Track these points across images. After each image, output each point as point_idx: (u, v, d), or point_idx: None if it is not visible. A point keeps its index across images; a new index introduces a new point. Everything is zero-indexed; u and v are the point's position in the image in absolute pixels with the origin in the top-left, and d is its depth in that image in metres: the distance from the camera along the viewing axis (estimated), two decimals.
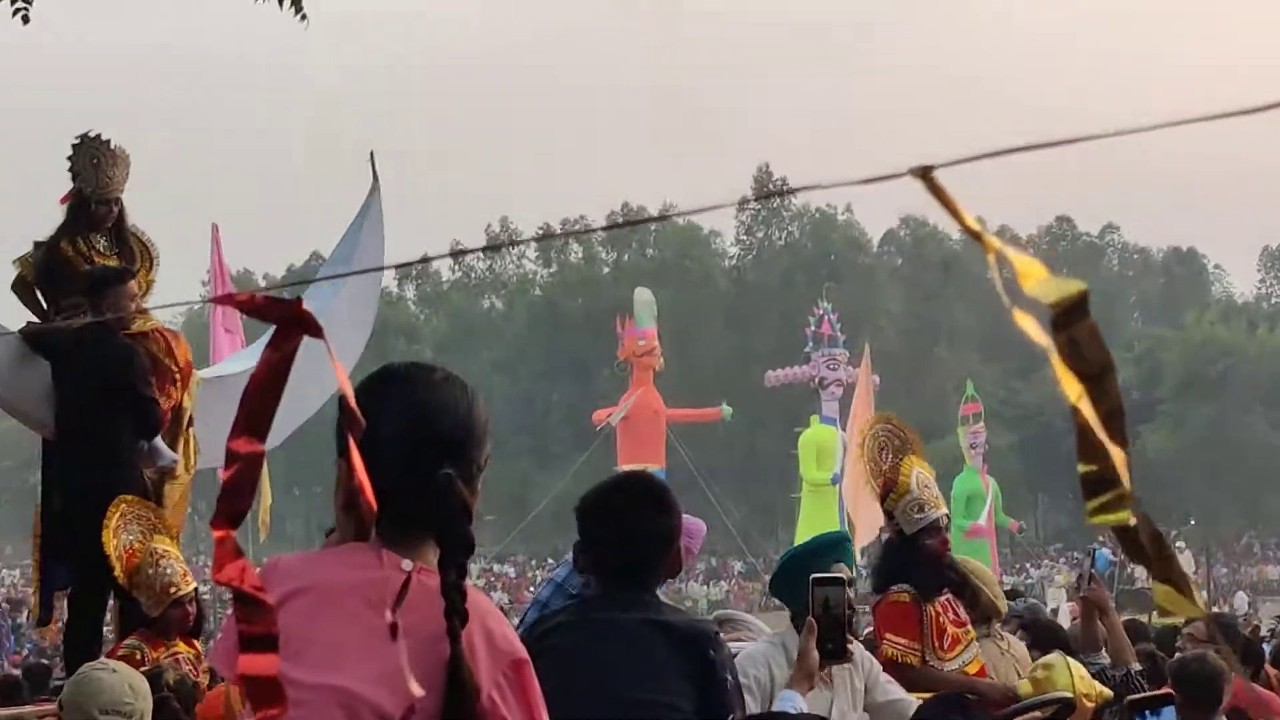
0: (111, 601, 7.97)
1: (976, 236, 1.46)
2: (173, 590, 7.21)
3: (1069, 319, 1.43)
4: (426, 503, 2.35)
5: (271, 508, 14.49)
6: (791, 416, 48.77)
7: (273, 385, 1.90)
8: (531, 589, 47.71)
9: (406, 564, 2.36)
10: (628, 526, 3.78)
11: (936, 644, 6.24)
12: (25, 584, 47.88)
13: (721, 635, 3.80)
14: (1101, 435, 1.45)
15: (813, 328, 37.30)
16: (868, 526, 20.20)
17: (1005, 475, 41.57)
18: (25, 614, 31.78)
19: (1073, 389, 1.45)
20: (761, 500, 67.68)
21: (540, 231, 72.59)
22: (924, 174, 1.39)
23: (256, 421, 1.89)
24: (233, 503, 1.86)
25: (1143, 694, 5.98)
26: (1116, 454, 1.46)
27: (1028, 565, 54.31)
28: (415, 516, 2.37)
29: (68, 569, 8.00)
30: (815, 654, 3.86)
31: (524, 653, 2.46)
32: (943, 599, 6.37)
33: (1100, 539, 20.13)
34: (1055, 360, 1.45)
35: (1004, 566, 38.96)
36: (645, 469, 33.41)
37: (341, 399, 2.01)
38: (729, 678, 3.67)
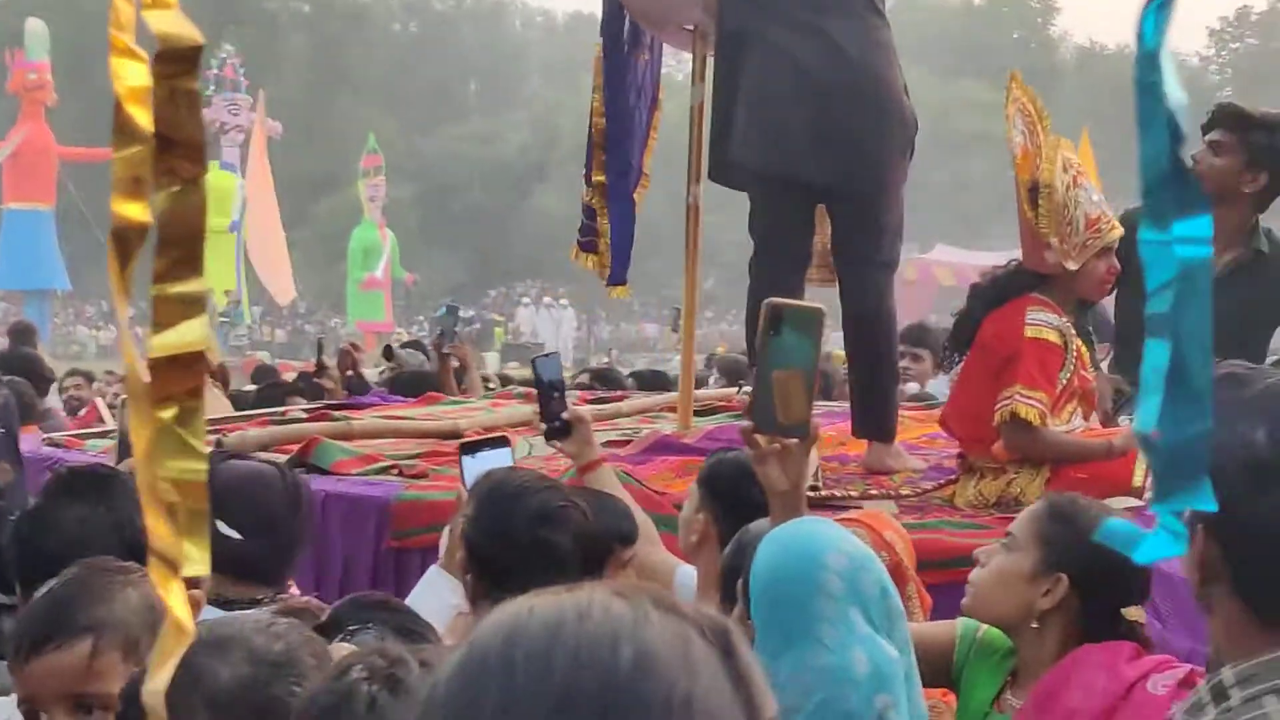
0: None
1: None
2: None
3: (171, 68, 1.16)
4: None
5: None
6: None
7: None
8: None
9: None
10: None
11: None
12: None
13: None
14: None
15: (215, 70, 36.39)
16: (285, 286, 19.81)
17: (403, 229, 42.40)
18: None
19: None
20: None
21: None
22: None
23: None
24: None
25: None
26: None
27: (420, 317, 55.86)
28: None
29: None
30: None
31: None
32: None
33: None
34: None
35: (397, 318, 39.99)
36: (35, 207, 32.00)
37: None
38: None
